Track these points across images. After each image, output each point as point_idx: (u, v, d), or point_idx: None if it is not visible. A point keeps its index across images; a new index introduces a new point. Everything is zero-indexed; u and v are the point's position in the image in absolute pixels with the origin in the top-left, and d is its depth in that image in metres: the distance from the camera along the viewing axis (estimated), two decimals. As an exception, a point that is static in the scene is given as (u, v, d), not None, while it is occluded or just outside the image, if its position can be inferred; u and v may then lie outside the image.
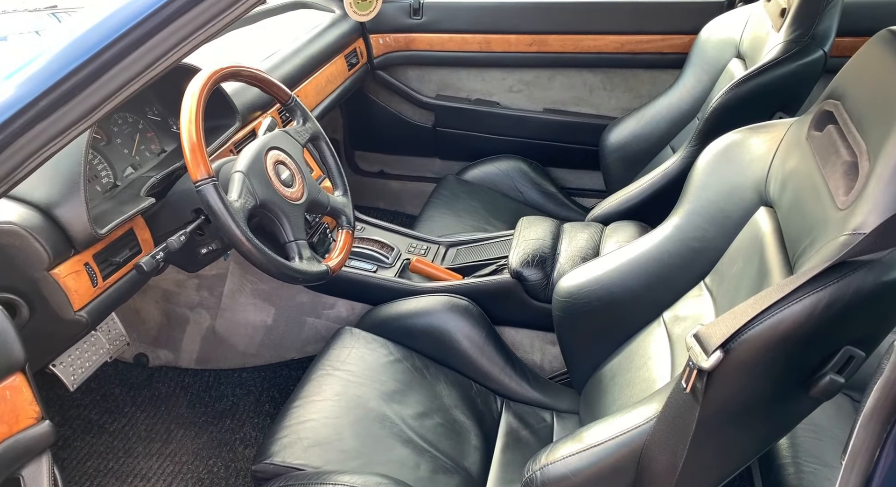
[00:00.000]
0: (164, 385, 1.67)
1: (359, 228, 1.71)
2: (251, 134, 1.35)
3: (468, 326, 1.42)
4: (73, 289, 0.92)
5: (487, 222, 1.99)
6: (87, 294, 0.94)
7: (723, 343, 0.73)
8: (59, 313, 0.91)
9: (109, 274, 0.99)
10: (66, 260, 0.93)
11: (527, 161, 2.19)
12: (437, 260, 1.64)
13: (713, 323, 0.77)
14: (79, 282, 0.93)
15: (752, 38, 1.58)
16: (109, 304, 0.98)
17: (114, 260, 1.00)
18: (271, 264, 0.99)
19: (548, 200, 2.15)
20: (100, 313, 0.96)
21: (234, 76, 1.07)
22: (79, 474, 1.39)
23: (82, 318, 0.94)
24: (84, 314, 0.94)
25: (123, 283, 1.00)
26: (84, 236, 0.92)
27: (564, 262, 1.43)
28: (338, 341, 1.40)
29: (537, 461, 0.93)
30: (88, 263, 0.95)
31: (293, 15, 2.09)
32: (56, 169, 0.91)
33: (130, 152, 1.17)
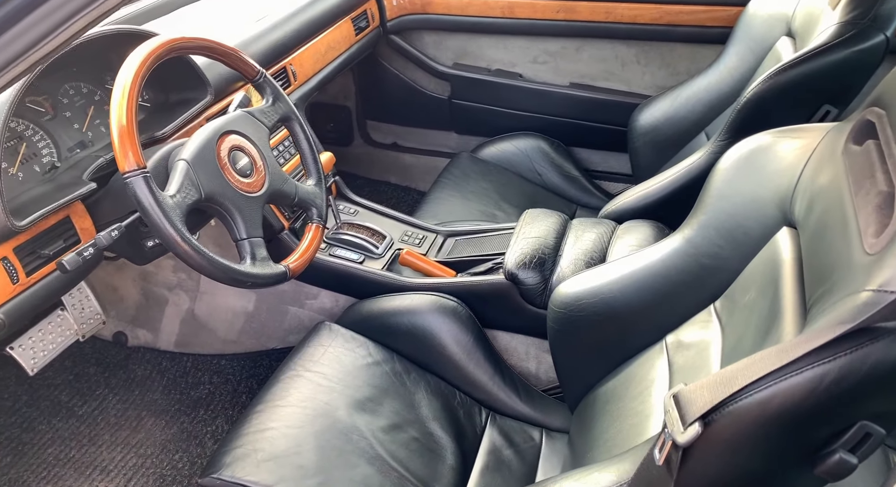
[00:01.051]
0: (141, 367, 1.63)
1: (352, 211, 1.61)
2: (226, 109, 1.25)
3: (455, 329, 1.32)
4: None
5: (498, 206, 1.87)
6: (2, 293, 0.87)
7: (703, 414, 0.61)
8: (-32, 312, 0.84)
9: (35, 270, 0.92)
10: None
11: (548, 140, 2.05)
12: (432, 250, 1.53)
13: (698, 385, 0.65)
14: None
15: (806, 14, 1.40)
16: (34, 303, 0.91)
17: (42, 253, 0.92)
18: (213, 267, 0.91)
19: (569, 184, 2.02)
20: (21, 313, 0.89)
21: (183, 49, 0.97)
22: (37, 462, 1.36)
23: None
24: (0, 315, 0.87)
25: (52, 280, 0.93)
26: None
27: (566, 266, 1.30)
28: (314, 338, 1.32)
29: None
30: (7, 257, 0.87)
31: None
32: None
33: (81, 127, 1.09)
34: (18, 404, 1.48)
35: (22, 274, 0.89)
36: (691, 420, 0.62)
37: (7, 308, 0.88)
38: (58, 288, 0.94)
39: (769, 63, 1.49)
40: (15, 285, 0.88)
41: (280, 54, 1.52)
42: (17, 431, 1.42)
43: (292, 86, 1.58)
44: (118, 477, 1.35)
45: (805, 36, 1.36)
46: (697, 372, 0.95)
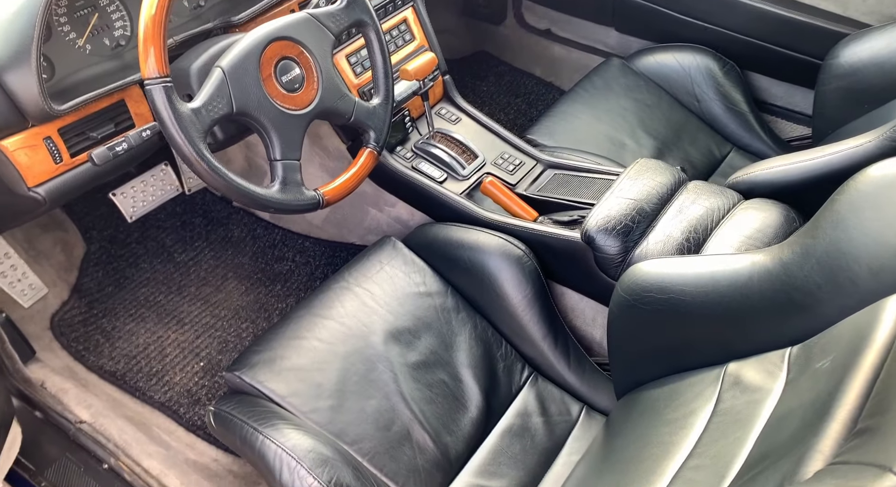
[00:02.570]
0: (239, 229, 1.73)
1: (453, 118, 1.50)
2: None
3: (517, 278, 1.24)
4: (26, 165, 0.89)
5: (632, 134, 1.66)
6: (45, 171, 0.91)
7: None
8: (10, 187, 0.90)
9: (81, 151, 0.94)
10: (19, 133, 0.88)
11: (720, 59, 1.73)
12: (525, 181, 1.41)
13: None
14: (34, 158, 0.90)
15: None
16: (78, 184, 0.95)
17: (90, 135, 0.94)
18: (230, 188, 0.88)
19: (731, 117, 1.73)
20: (63, 194, 0.94)
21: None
22: (131, 298, 1.54)
23: (37, 196, 0.92)
24: (40, 192, 0.92)
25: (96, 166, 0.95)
26: (36, 110, 0.86)
27: (654, 242, 1.13)
28: (375, 252, 1.30)
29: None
30: (50, 138, 0.90)
31: None
32: (11, 25, 0.83)
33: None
34: (131, 239, 1.66)
35: (66, 154, 0.92)
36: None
37: (48, 187, 0.92)
38: (108, 171, 0.97)
39: None
40: (58, 165, 0.92)
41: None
42: (123, 264, 1.61)
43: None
44: (189, 332, 1.50)
45: None
46: (736, 429, 0.80)
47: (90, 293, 1.52)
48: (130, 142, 0.90)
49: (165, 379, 1.40)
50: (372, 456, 1.08)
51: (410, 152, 1.41)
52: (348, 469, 0.98)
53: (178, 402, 1.36)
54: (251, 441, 0.99)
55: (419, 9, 1.47)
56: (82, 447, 1.10)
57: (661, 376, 1.04)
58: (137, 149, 0.92)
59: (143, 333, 1.47)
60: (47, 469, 1.09)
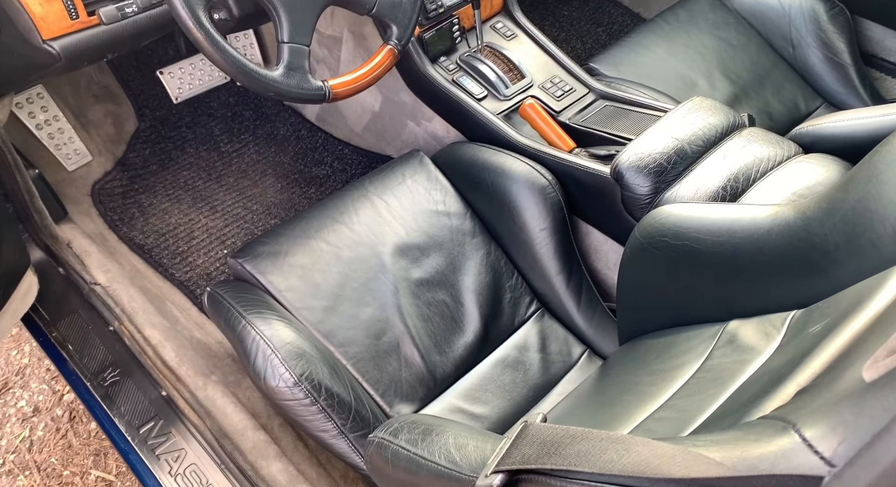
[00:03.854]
0: (285, 128, 1.74)
1: (509, 34, 1.42)
2: None
3: (539, 208, 1.19)
4: (41, 16, 0.90)
5: (707, 75, 1.53)
6: (59, 26, 0.91)
7: (513, 469, 0.48)
8: (25, 36, 0.90)
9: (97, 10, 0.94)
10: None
11: (828, 0, 1.54)
12: (571, 109, 1.33)
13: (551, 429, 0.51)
14: (48, 9, 0.90)
15: None
16: (94, 46, 0.95)
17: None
18: (228, 64, 0.86)
19: (829, 69, 1.56)
20: (78, 53, 0.94)
21: None
22: (171, 178, 1.59)
23: (51, 50, 0.92)
24: (55, 47, 0.92)
25: (115, 27, 0.95)
26: None
27: (687, 187, 1.05)
28: (400, 165, 1.28)
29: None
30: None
31: None
32: None
33: None
34: (182, 123, 1.70)
35: (82, 10, 0.92)
36: (500, 467, 0.49)
37: (63, 43, 0.93)
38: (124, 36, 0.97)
39: None
40: (73, 21, 0.92)
41: None
42: (170, 146, 1.65)
43: None
44: (219, 219, 1.54)
45: None
46: (712, 386, 0.75)
47: (134, 168, 1.58)
48: (140, 3, 0.89)
49: (189, 260, 1.45)
50: (356, 361, 1.08)
51: (454, 64, 1.34)
52: (325, 368, 0.99)
53: (196, 283, 1.41)
54: (233, 325, 1.01)
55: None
56: (93, 306, 1.17)
57: (663, 327, 0.98)
58: (152, 18, 0.92)
59: (176, 213, 1.53)
60: (60, 321, 1.16)
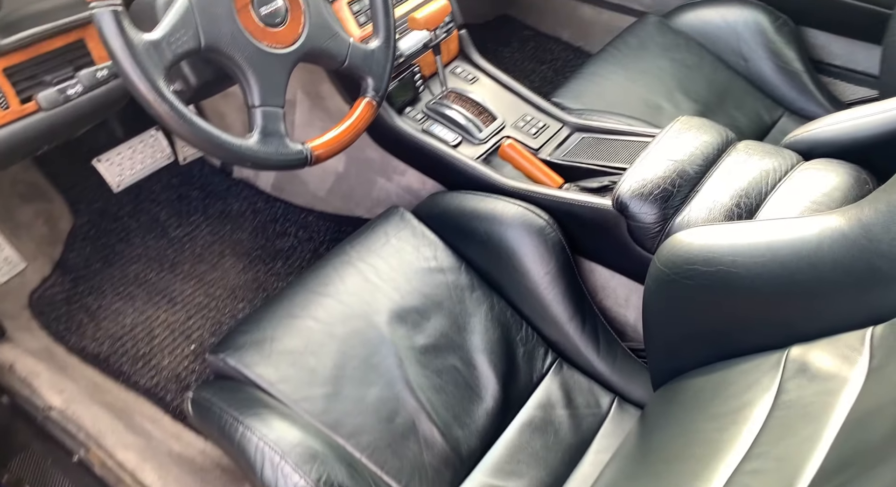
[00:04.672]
0: (238, 202, 1.63)
1: (470, 78, 1.37)
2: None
3: (539, 251, 1.11)
4: (-41, 115, 0.79)
5: (669, 97, 1.51)
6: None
7: None
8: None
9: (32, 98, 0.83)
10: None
11: (771, 13, 1.58)
12: (549, 145, 1.28)
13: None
14: (-32, 104, 0.79)
15: None
16: (31, 138, 0.83)
17: (44, 80, 0.83)
18: (198, 137, 0.76)
19: (783, 78, 1.57)
20: (13, 147, 0.82)
21: None
22: (120, 274, 1.44)
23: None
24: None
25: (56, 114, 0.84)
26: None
27: (699, 209, 0.99)
28: (381, 223, 1.19)
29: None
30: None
31: None
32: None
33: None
34: (123, 213, 1.56)
35: (14, 99, 0.81)
36: None
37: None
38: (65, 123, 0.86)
39: None
40: (4, 112, 0.81)
41: None
42: (114, 239, 1.51)
43: None
44: (180, 312, 1.39)
45: None
46: (805, 425, 0.67)
47: (75, 269, 1.43)
48: (84, 82, 0.79)
49: (153, 363, 1.30)
50: (371, 452, 0.96)
51: (421, 114, 1.28)
52: (342, 466, 0.87)
53: (164, 388, 1.26)
54: (230, 433, 0.88)
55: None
56: (50, 436, 1.01)
57: (706, 363, 0.90)
58: (96, 98, 0.81)
59: (130, 313, 1.38)
60: (11, 460, 0.99)
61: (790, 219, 0.79)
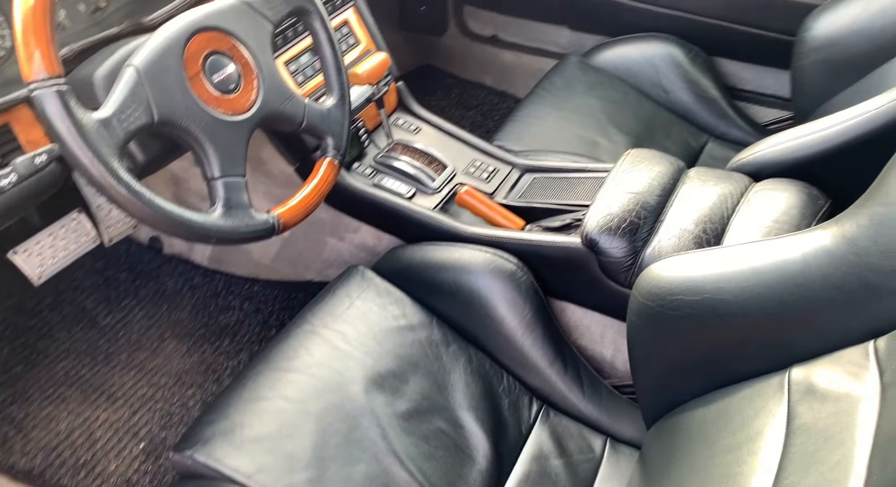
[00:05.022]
0: (173, 280, 1.53)
1: (413, 128, 1.36)
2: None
3: (512, 296, 1.09)
4: None
5: (603, 132, 1.55)
6: None
7: None
8: None
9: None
10: None
11: (684, 46, 1.66)
12: (503, 189, 1.27)
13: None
14: None
15: None
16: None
17: (-37, 167, 0.75)
18: (160, 218, 0.70)
19: (703, 106, 1.65)
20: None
21: None
22: (46, 376, 1.31)
23: None
24: None
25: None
26: None
27: (667, 238, 1.00)
28: (342, 285, 1.13)
29: None
30: None
31: None
32: None
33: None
34: (42, 306, 1.43)
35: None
36: None
37: None
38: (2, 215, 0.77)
39: None
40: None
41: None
42: (34, 337, 1.38)
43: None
44: (123, 408, 1.28)
45: None
46: (831, 450, 0.66)
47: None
48: (20, 171, 0.71)
49: (97, 471, 1.17)
50: (368, 535, 0.89)
51: (370, 168, 1.25)
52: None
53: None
54: (216, 541, 0.79)
55: (361, 8, 1.33)
56: None
57: (702, 392, 0.90)
58: (32, 186, 0.73)
59: (65, 417, 1.24)
60: None
61: (768, 242, 0.81)
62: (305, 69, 1.18)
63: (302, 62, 1.17)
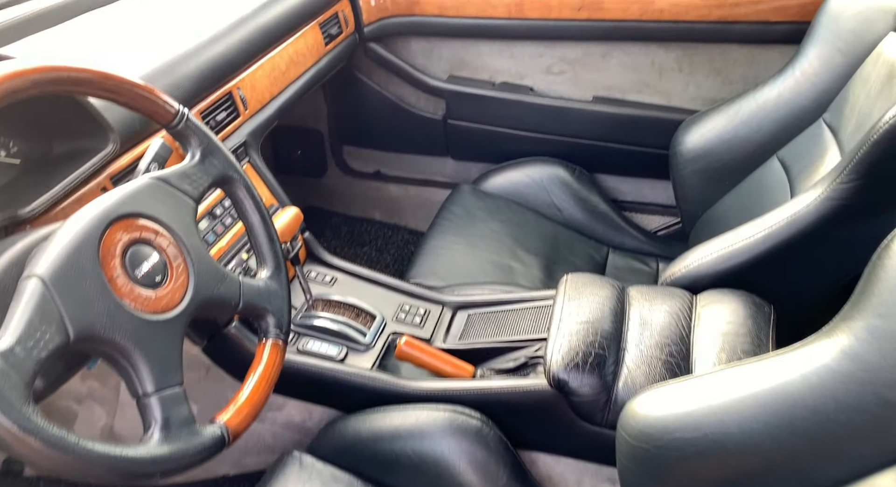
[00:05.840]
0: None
1: (328, 280, 1.24)
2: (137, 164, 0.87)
3: (480, 458, 0.96)
4: None
5: (513, 255, 1.52)
6: None
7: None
8: None
9: None
10: None
11: (568, 166, 1.72)
12: (439, 331, 1.17)
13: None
14: None
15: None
16: None
17: None
18: (89, 464, 0.53)
19: (596, 220, 1.68)
20: None
21: (40, 85, 0.59)
22: None
23: None
24: None
25: None
26: None
27: (636, 368, 0.95)
28: (277, 478, 0.95)
29: None
30: None
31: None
32: None
33: None
34: None
35: None
36: None
37: None
38: None
39: (876, 69, 1.15)
40: None
41: (224, 75, 1.15)
42: None
43: (242, 116, 1.21)
44: None
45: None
46: None
47: None
48: None
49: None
50: None
51: (291, 333, 1.11)
52: None
53: None
54: None
55: (256, 163, 1.24)
56: None
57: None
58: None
59: None
60: None
61: (757, 365, 0.77)
62: (215, 227, 1.05)
63: (220, 210, 1.04)
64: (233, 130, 1.19)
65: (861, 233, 1.01)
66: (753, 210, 1.34)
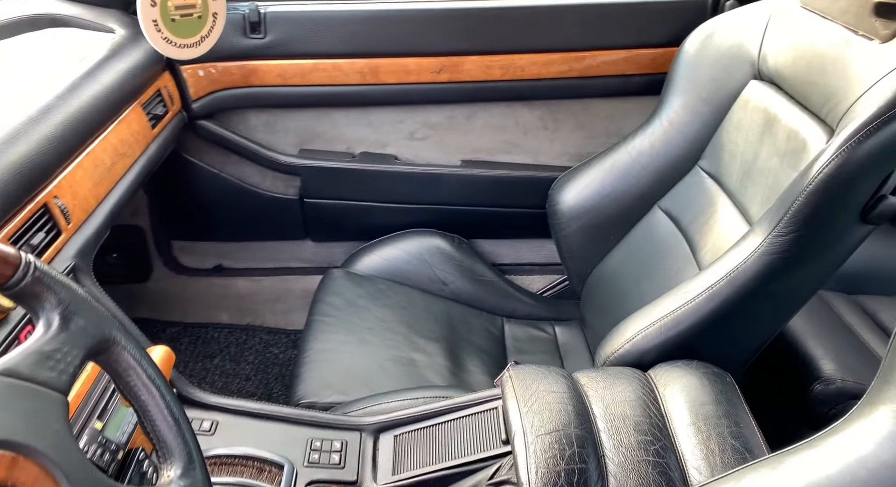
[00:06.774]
0: None
1: (207, 428, 0.98)
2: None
3: None
4: None
5: (412, 345, 1.36)
6: None
7: None
8: None
9: None
10: None
11: (445, 236, 1.61)
12: (365, 466, 0.96)
13: None
14: None
15: (792, 53, 1.10)
16: None
17: None
18: None
19: (484, 290, 1.58)
20: None
21: None
22: None
23: None
24: None
25: None
26: None
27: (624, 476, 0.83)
28: None
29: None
30: None
31: (34, 41, 1.28)
32: None
33: None
34: None
35: None
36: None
37: None
38: None
39: (748, 115, 1.18)
40: None
41: (33, 183, 0.87)
42: None
43: (65, 233, 0.93)
44: None
45: (801, 78, 1.06)
46: None
47: None
48: None
49: None
50: None
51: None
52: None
53: None
54: None
55: (94, 294, 0.96)
56: None
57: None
58: None
59: None
60: None
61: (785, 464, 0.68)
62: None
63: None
64: (55, 253, 0.90)
65: (791, 285, 1.01)
66: (649, 263, 1.32)
